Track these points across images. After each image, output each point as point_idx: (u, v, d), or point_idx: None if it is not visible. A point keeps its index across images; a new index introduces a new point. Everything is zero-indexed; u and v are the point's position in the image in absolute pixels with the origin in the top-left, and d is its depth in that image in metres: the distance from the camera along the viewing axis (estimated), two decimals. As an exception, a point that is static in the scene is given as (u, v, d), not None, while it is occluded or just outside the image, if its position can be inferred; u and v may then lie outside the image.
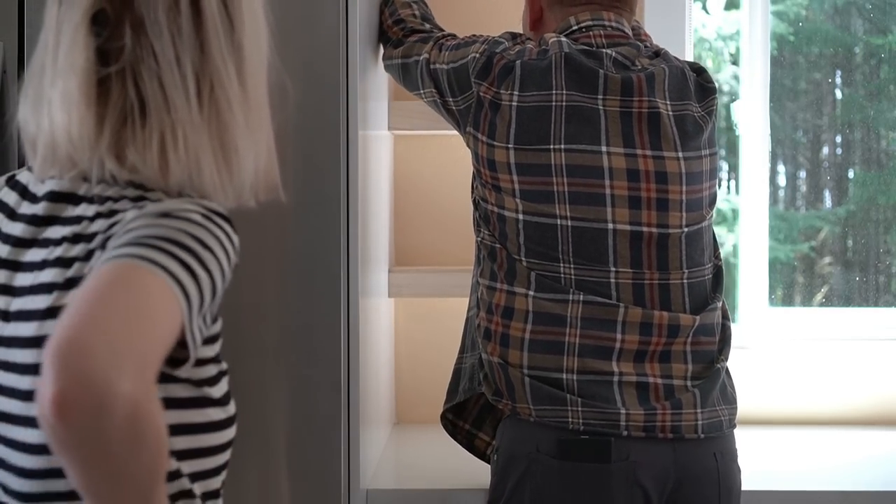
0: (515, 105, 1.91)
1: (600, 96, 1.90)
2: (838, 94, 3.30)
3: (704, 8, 3.24)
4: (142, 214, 1.21)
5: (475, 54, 1.98)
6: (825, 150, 3.39)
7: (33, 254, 1.28)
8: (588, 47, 1.95)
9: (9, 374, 1.25)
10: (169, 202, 1.23)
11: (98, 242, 1.23)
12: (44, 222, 1.29)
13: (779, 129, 3.23)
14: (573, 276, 1.88)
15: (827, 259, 3.28)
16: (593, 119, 1.90)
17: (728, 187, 3.42)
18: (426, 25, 2.19)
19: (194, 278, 1.17)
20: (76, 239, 1.25)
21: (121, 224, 1.21)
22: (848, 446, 2.57)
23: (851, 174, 3.27)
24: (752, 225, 2.92)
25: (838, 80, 3.28)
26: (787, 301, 3.19)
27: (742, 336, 2.80)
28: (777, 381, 2.80)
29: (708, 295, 1.95)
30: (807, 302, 3.21)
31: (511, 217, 1.91)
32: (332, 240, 1.97)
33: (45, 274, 1.25)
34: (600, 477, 1.82)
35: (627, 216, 1.89)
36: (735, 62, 3.15)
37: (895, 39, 3.17)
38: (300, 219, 1.93)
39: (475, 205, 2.01)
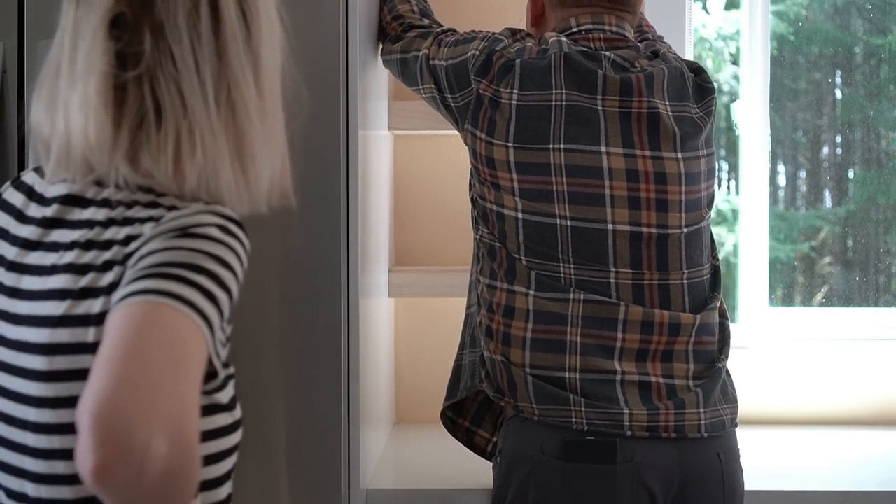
0: (515, 104, 1.91)
1: (599, 96, 1.91)
2: (838, 94, 3.30)
3: (704, 8, 3.24)
4: (159, 233, 1.20)
5: (475, 51, 1.98)
6: (825, 150, 3.40)
7: (39, 257, 1.27)
8: (587, 49, 1.96)
9: (16, 379, 1.24)
10: (185, 213, 1.23)
11: (115, 254, 1.22)
12: (51, 225, 1.29)
13: (779, 129, 3.23)
14: (573, 276, 1.88)
15: (827, 259, 3.28)
16: (592, 119, 1.90)
17: (728, 187, 3.42)
18: (425, 21, 2.19)
19: (215, 303, 1.18)
20: (89, 245, 1.24)
21: (139, 241, 1.21)
22: (848, 446, 2.56)
23: (851, 174, 3.27)
24: (752, 225, 2.92)
25: (838, 80, 3.28)
26: (787, 301, 3.19)
27: (742, 336, 2.80)
28: (777, 381, 2.80)
29: (707, 295, 1.95)
30: (807, 302, 3.21)
31: (510, 216, 1.91)
32: (332, 240, 1.97)
33: (56, 279, 1.24)
34: (605, 478, 1.82)
35: (627, 216, 1.89)
36: (735, 62, 3.15)
37: (895, 39, 3.17)
38: (300, 219, 1.93)
39: (473, 202, 2.01)
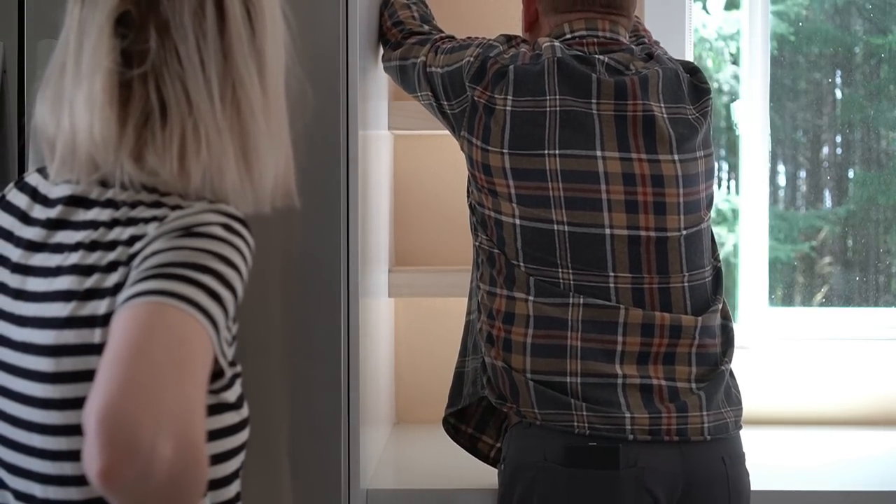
0: (510, 110, 1.91)
1: (594, 100, 1.90)
2: (838, 94, 3.30)
3: (705, 8, 3.24)
4: (163, 233, 1.20)
5: (469, 58, 1.98)
6: (825, 150, 3.40)
7: (44, 258, 1.27)
8: (580, 53, 1.95)
9: (23, 381, 1.24)
10: (189, 212, 1.23)
11: (120, 255, 1.22)
12: (55, 226, 1.28)
13: (779, 129, 3.23)
14: (572, 281, 1.88)
15: (827, 259, 3.28)
16: (587, 124, 1.89)
17: (728, 187, 3.42)
18: (425, 27, 2.19)
19: (220, 303, 1.18)
20: (93, 246, 1.24)
21: (143, 241, 1.21)
22: (848, 446, 2.56)
23: (851, 174, 3.27)
24: (752, 225, 2.92)
25: (838, 80, 3.28)
26: (787, 301, 3.19)
27: (742, 336, 2.80)
28: (777, 381, 2.80)
29: (709, 297, 1.94)
30: (807, 302, 3.21)
31: (508, 222, 1.91)
32: (332, 240, 1.97)
33: (61, 281, 1.24)
34: (609, 484, 1.81)
35: (625, 220, 1.88)
36: (735, 62, 3.15)
37: (895, 39, 3.17)
38: (300, 219, 1.93)
39: (471, 209, 2.00)
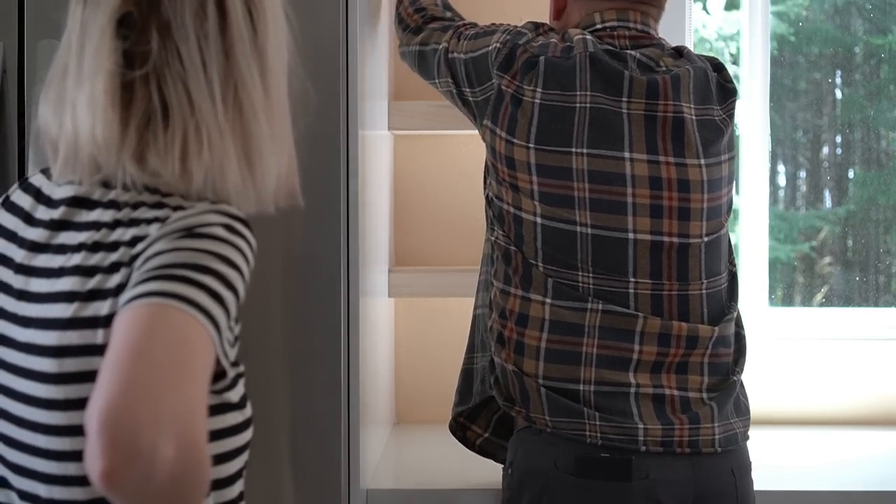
0: (538, 102, 1.86)
1: (625, 99, 1.86)
2: (838, 94, 3.30)
3: (705, 8, 3.24)
4: (165, 234, 1.21)
5: (497, 44, 1.92)
6: (825, 150, 3.40)
7: (47, 259, 1.27)
8: (612, 48, 1.91)
9: (26, 381, 1.24)
10: (190, 213, 1.23)
11: (122, 256, 1.23)
12: (58, 227, 1.29)
13: (779, 129, 3.23)
14: (591, 285, 1.83)
15: (827, 259, 3.28)
16: (616, 124, 1.85)
17: (728, 187, 3.42)
18: (447, 14, 2.15)
19: (221, 303, 1.18)
20: (96, 247, 1.24)
21: (145, 242, 1.21)
22: (848, 446, 2.56)
23: (851, 174, 3.27)
24: (752, 225, 2.92)
25: (838, 80, 3.29)
26: (787, 301, 3.19)
27: (742, 336, 2.80)
28: (777, 381, 2.80)
29: (724, 304, 1.92)
30: (807, 302, 3.21)
31: (529, 220, 1.86)
32: (332, 240, 1.97)
33: (64, 282, 1.24)
34: (620, 496, 1.79)
35: (648, 225, 1.84)
36: (735, 62, 3.15)
37: (895, 39, 3.17)
38: (300, 219, 1.93)
39: (488, 202, 1.95)
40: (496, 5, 2.71)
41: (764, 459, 2.35)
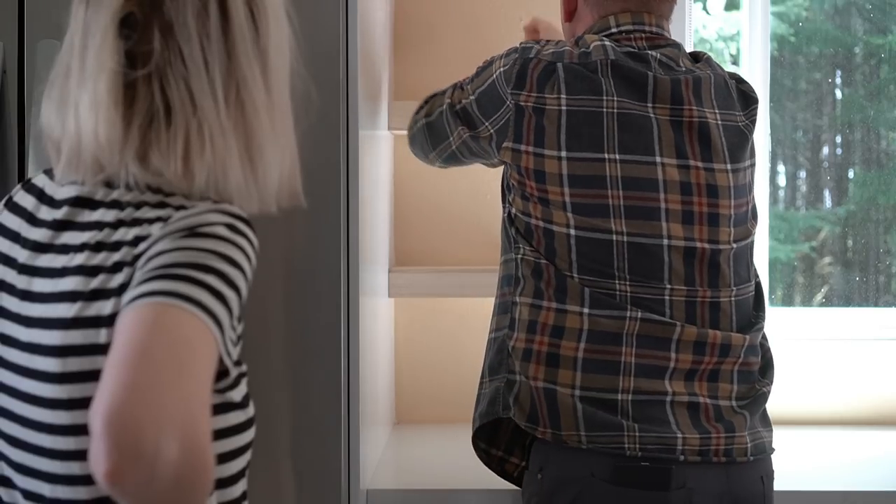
0: (565, 109, 1.83)
1: (650, 105, 1.85)
2: (838, 94, 3.30)
3: (705, 8, 3.24)
4: (167, 233, 1.21)
5: (502, 68, 1.89)
6: (825, 150, 3.40)
7: (50, 259, 1.27)
8: (632, 49, 1.89)
9: (30, 381, 1.24)
10: (193, 213, 1.23)
11: (124, 255, 1.23)
12: (61, 227, 1.29)
13: (779, 129, 3.23)
14: (629, 293, 1.82)
15: (827, 259, 3.28)
16: (646, 127, 1.84)
17: (728, 187, 3.42)
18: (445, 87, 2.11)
19: (224, 303, 1.18)
20: (98, 247, 1.25)
21: (147, 242, 1.22)
22: (848, 446, 2.56)
23: (851, 174, 3.27)
24: (752, 225, 2.92)
25: (838, 80, 3.29)
26: (787, 301, 3.19)
27: (742, 336, 2.80)
28: (777, 382, 2.79)
29: (751, 313, 1.91)
30: (807, 302, 3.21)
31: (561, 232, 1.83)
32: (332, 240, 1.97)
33: (67, 282, 1.24)
34: None
35: (681, 231, 1.83)
36: (735, 62, 3.15)
37: (895, 39, 3.17)
38: (300, 219, 1.93)
39: (511, 220, 1.91)
40: (496, 5, 2.72)
41: (764, 459, 2.35)
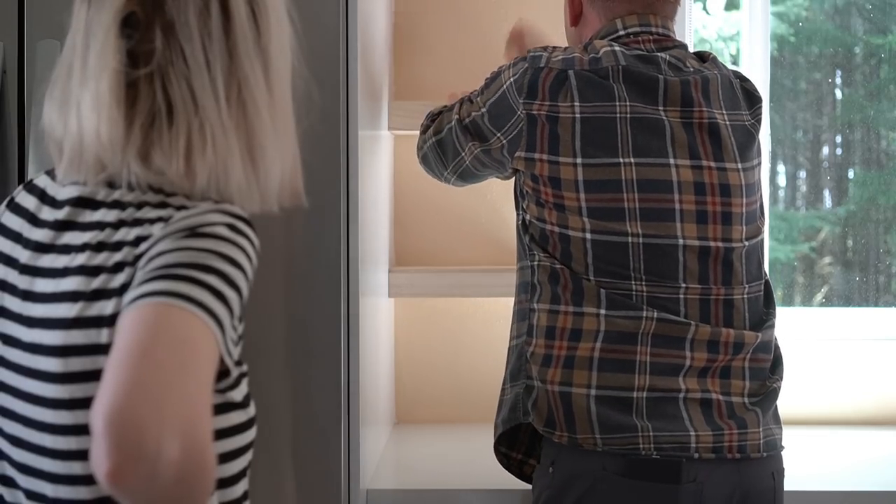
0: (579, 116, 1.84)
1: (661, 107, 1.86)
2: (838, 94, 3.30)
3: (705, 8, 3.24)
4: (168, 234, 1.21)
5: (512, 78, 1.90)
6: (825, 150, 3.40)
7: (52, 259, 1.27)
8: (641, 52, 1.90)
9: (32, 381, 1.24)
10: (194, 213, 1.23)
11: (126, 255, 1.23)
12: (63, 227, 1.29)
13: (779, 129, 3.23)
14: (644, 293, 1.83)
15: (827, 259, 3.28)
16: (659, 129, 1.85)
17: (728, 187, 3.42)
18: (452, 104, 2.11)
19: (225, 303, 1.18)
20: (100, 247, 1.25)
21: (148, 242, 1.22)
22: (848, 446, 2.56)
23: (851, 174, 3.27)
24: (752, 225, 2.92)
25: (838, 80, 3.29)
26: (787, 301, 3.19)
27: (742, 336, 2.80)
28: (777, 381, 2.79)
29: (762, 311, 1.93)
30: (807, 302, 3.21)
31: (577, 237, 1.85)
32: (332, 240, 1.97)
33: (68, 282, 1.24)
34: (669, 497, 1.79)
35: (695, 231, 1.85)
36: (735, 62, 3.15)
37: (895, 39, 3.17)
38: (300, 219, 1.93)
39: (525, 226, 1.92)
40: (496, 5, 2.72)
41: (764, 459, 2.35)
